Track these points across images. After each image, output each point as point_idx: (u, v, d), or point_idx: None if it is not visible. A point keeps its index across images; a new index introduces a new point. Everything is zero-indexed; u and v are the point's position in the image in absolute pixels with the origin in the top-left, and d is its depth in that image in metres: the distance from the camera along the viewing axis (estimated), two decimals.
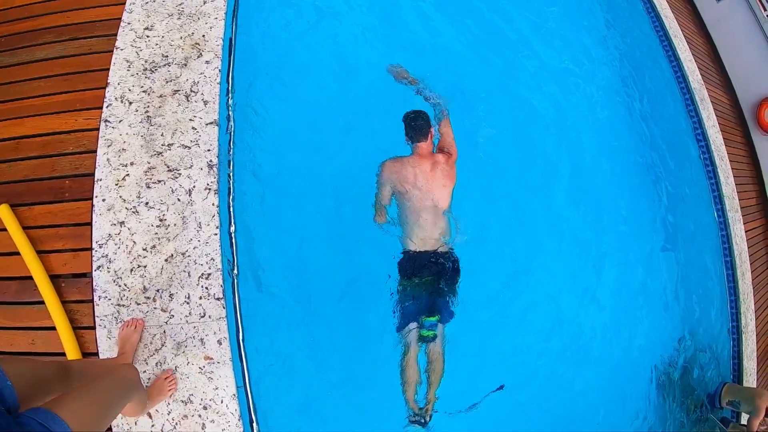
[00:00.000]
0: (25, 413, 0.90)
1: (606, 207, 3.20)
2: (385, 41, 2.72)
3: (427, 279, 2.06)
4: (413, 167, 2.18)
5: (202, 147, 1.89)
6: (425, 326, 2.07)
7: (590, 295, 3.03)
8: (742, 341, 3.29)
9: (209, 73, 2.04)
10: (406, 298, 2.09)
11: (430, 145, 2.25)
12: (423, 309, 2.07)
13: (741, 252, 3.47)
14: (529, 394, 2.63)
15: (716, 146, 3.64)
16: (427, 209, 2.11)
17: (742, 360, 3.27)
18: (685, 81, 3.68)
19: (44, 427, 0.87)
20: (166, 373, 1.71)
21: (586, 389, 2.78)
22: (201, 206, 1.81)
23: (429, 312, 2.09)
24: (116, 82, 2.03)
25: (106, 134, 1.92)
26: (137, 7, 2.25)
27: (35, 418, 0.88)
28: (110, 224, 1.81)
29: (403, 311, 2.10)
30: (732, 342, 3.34)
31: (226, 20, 2.22)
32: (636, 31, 3.84)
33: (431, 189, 2.13)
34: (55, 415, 0.90)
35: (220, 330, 1.75)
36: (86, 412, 1.00)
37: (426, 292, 2.08)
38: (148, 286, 1.77)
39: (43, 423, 0.88)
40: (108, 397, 1.13)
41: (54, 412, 0.90)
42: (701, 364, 3.17)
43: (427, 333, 2.06)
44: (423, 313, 2.07)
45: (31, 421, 0.87)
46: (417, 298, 2.07)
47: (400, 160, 2.22)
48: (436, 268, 2.07)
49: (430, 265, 2.06)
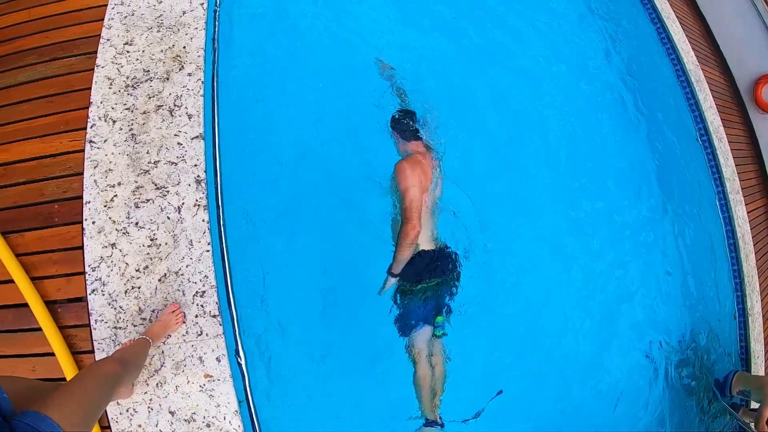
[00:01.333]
0: (15, 417, 0.91)
1: (605, 196, 3.14)
2: (374, 46, 2.67)
3: (436, 282, 2.04)
4: (422, 165, 2.14)
5: (189, 162, 1.85)
6: (438, 325, 2.09)
7: (593, 283, 2.99)
8: (749, 324, 3.22)
9: (192, 86, 2.00)
10: (414, 302, 2.07)
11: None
12: (432, 309, 2.06)
13: (744, 234, 3.40)
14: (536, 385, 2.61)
15: (714, 128, 3.56)
16: (431, 207, 2.10)
17: (749, 343, 3.21)
18: (680, 62, 3.58)
19: (33, 428, 0.88)
20: (172, 307, 1.70)
21: (594, 381, 2.75)
22: (191, 223, 1.78)
23: (438, 311, 2.08)
24: (99, 101, 1.99)
25: (92, 155, 1.89)
26: (116, 22, 2.21)
27: (24, 421, 0.89)
28: (101, 247, 1.79)
29: (412, 314, 2.08)
30: (738, 325, 3.28)
31: (207, 29, 2.18)
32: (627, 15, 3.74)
33: (433, 186, 2.13)
34: (44, 416, 0.91)
35: (218, 347, 1.73)
36: (74, 409, 1.02)
37: (435, 293, 2.06)
38: (143, 308, 1.75)
39: (32, 424, 0.89)
40: (94, 393, 1.15)
41: (42, 413, 0.92)
42: (708, 349, 3.12)
43: (441, 332, 2.08)
44: (433, 313, 2.06)
45: (20, 423, 0.89)
46: (427, 300, 2.05)
47: (412, 158, 2.16)
48: (443, 266, 2.05)
49: (436, 266, 2.04)
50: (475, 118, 2.85)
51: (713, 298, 3.28)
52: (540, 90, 3.14)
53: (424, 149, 2.19)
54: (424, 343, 2.11)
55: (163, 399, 1.73)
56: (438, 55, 2.85)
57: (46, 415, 0.92)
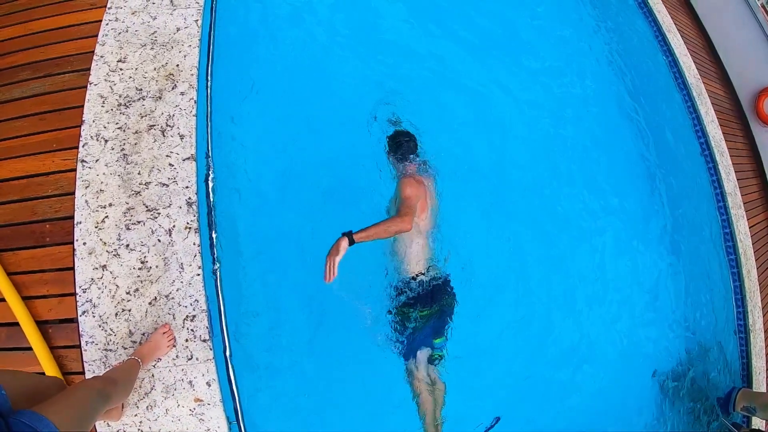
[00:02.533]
0: (13, 416, 0.93)
1: (608, 211, 3.11)
2: (371, 56, 2.65)
3: (434, 309, 2.02)
4: (425, 186, 2.12)
5: (180, 184, 1.84)
6: (437, 347, 2.09)
7: (595, 299, 2.96)
8: (750, 340, 3.19)
9: (184, 105, 1.99)
10: (411, 327, 2.05)
11: None
12: (431, 333, 2.05)
13: (745, 249, 3.36)
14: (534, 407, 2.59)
15: (716, 142, 3.52)
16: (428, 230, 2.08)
17: (750, 359, 3.18)
18: (682, 77, 3.54)
19: (30, 427, 0.91)
20: (163, 328, 1.69)
21: (594, 396, 2.72)
22: (182, 246, 1.78)
23: (436, 334, 2.07)
24: (91, 120, 1.99)
25: (83, 175, 1.89)
26: (110, 38, 2.20)
27: (22, 420, 0.92)
28: (92, 268, 1.79)
29: (411, 338, 2.07)
30: (740, 341, 3.25)
31: (201, 47, 2.17)
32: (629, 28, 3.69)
33: (431, 209, 2.10)
34: (41, 416, 0.94)
35: (208, 371, 1.73)
36: (71, 414, 1.05)
37: (432, 317, 2.04)
38: (133, 330, 1.75)
39: (29, 423, 0.92)
40: (87, 403, 1.19)
41: (40, 414, 0.95)
42: (710, 365, 3.09)
43: (439, 354, 2.08)
44: (431, 336, 2.05)
45: (18, 422, 0.91)
46: (424, 325, 2.03)
47: (414, 176, 2.12)
48: (438, 293, 2.03)
49: (433, 292, 2.01)
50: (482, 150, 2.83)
51: (714, 313, 3.25)
52: (536, 108, 3.10)
53: (424, 172, 2.17)
54: (421, 364, 2.10)
55: (153, 422, 1.73)
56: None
57: (44, 416, 0.95)
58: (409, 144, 2.17)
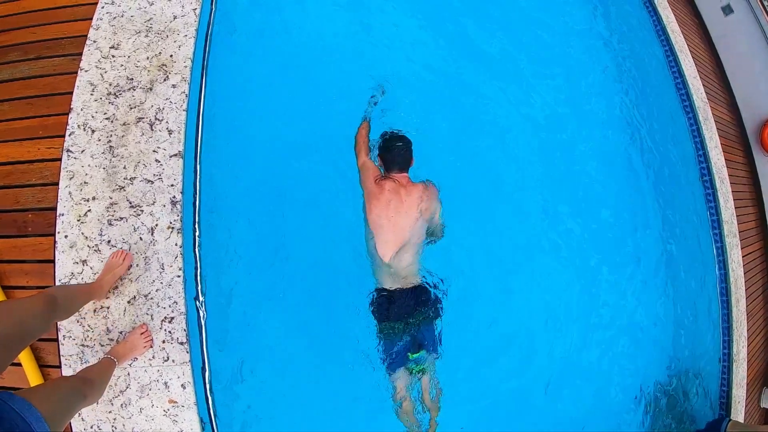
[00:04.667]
0: (1, 396, 0.92)
1: (600, 230, 3.04)
2: (366, 58, 2.55)
3: (405, 323, 1.96)
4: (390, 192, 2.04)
5: (166, 182, 1.79)
6: (411, 361, 2.01)
7: (580, 320, 2.91)
8: (732, 369, 3.17)
9: (175, 99, 1.93)
10: (386, 341, 2.01)
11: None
12: (409, 346, 1.99)
13: (737, 279, 3.31)
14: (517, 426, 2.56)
15: (717, 168, 3.44)
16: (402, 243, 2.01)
17: (731, 388, 3.16)
18: (689, 99, 3.44)
19: (19, 415, 0.90)
20: (141, 328, 1.67)
21: (574, 419, 2.70)
22: (163, 246, 1.74)
23: (413, 347, 2.01)
24: (79, 108, 1.93)
25: (68, 165, 1.84)
26: (104, 23, 2.12)
27: (11, 405, 0.91)
28: (72, 262, 1.76)
29: (389, 350, 2.02)
30: (722, 370, 3.23)
31: (197, 38, 2.09)
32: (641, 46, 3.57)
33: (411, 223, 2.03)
34: (30, 405, 0.94)
35: (183, 374, 1.70)
36: (56, 408, 1.06)
37: (405, 331, 1.99)
38: (111, 328, 1.72)
39: (19, 412, 0.91)
40: (69, 397, 1.20)
41: (29, 401, 0.95)
42: (690, 392, 3.07)
43: (417, 367, 1.99)
44: (408, 350, 1.99)
45: (6, 407, 0.90)
46: (397, 338, 1.98)
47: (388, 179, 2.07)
48: (411, 306, 1.96)
49: (406, 306, 1.95)
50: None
51: (698, 342, 3.22)
52: (539, 122, 3.02)
53: (405, 181, 2.07)
54: (401, 377, 2.05)
55: (126, 419, 1.72)
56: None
57: (32, 404, 0.95)
58: (401, 151, 2.05)
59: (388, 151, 2.05)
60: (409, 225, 1.95)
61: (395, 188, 2.01)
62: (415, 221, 1.97)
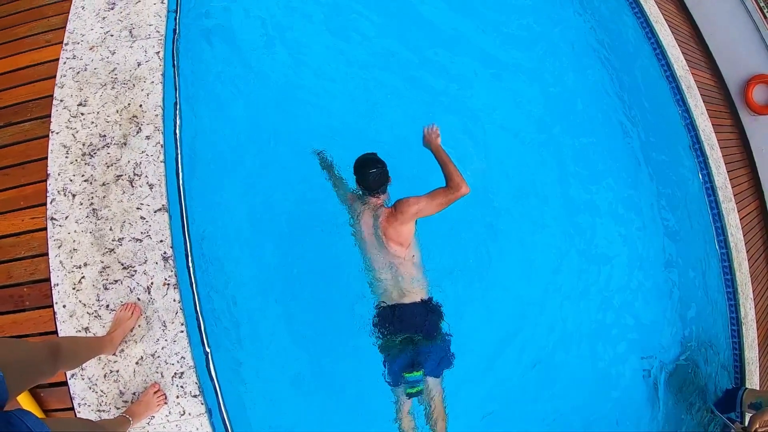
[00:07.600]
0: (15, 413, 0.92)
1: (600, 209, 3.03)
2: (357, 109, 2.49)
3: (403, 338, 1.94)
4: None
5: (154, 238, 1.77)
6: (408, 382, 1.93)
7: (586, 294, 2.93)
8: (742, 332, 3.18)
9: (151, 151, 1.89)
10: (390, 354, 1.99)
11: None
12: (405, 365, 1.93)
13: (737, 242, 3.30)
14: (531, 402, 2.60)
15: (706, 135, 3.40)
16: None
17: (743, 351, 3.17)
18: (670, 68, 3.36)
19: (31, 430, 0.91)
20: (153, 387, 1.69)
21: (586, 396, 2.73)
22: (162, 303, 1.73)
23: (411, 367, 1.93)
24: (56, 173, 1.90)
25: (55, 234, 1.82)
26: (68, 79, 2.08)
27: (25, 422, 0.91)
28: (75, 331, 1.75)
29: (390, 368, 2.01)
30: (731, 333, 3.24)
31: (164, 83, 2.04)
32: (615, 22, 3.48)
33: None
34: (44, 424, 0.94)
35: (201, 425, 1.71)
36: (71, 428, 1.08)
37: (403, 348, 1.96)
38: (123, 390, 1.73)
39: (31, 428, 0.91)
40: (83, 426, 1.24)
41: (43, 422, 0.95)
42: (703, 360, 3.09)
43: (412, 390, 1.92)
44: (404, 370, 1.93)
45: (21, 423, 0.90)
46: (396, 354, 1.96)
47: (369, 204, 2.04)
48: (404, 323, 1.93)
49: (397, 323, 1.92)
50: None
51: (705, 309, 3.23)
52: (523, 110, 2.97)
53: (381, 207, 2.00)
54: (401, 395, 2.03)
55: None
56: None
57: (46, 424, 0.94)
58: (376, 177, 1.94)
59: (363, 178, 1.96)
60: (392, 248, 1.92)
61: (372, 215, 1.98)
62: (398, 245, 1.92)
